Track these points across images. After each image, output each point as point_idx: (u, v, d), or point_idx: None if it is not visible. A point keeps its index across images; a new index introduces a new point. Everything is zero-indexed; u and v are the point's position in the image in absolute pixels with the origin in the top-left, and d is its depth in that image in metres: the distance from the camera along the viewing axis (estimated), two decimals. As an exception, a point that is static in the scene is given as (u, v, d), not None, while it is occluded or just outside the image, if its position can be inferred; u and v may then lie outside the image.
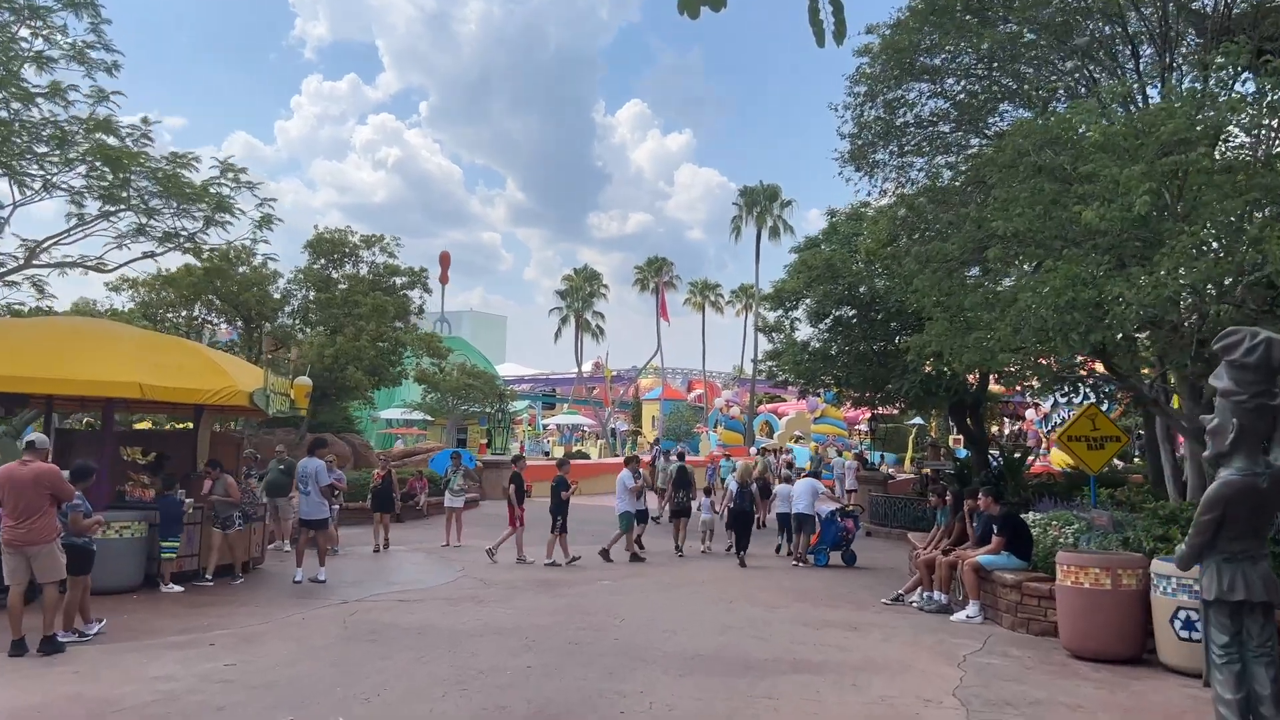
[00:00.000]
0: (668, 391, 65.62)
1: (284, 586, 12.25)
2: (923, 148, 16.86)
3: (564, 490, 15.86)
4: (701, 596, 11.98)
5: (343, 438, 27.57)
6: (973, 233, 10.46)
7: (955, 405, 24.24)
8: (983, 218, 10.33)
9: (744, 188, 58.45)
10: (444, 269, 64.68)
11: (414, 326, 26.68)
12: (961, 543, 11.73)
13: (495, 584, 12.75)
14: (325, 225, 25.54)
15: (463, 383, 46.42)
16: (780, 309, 24.71)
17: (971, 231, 10.45)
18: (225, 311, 23.52)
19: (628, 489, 16.31)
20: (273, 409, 13.08)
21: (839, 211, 25.36)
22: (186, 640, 8.62)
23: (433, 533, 18.70)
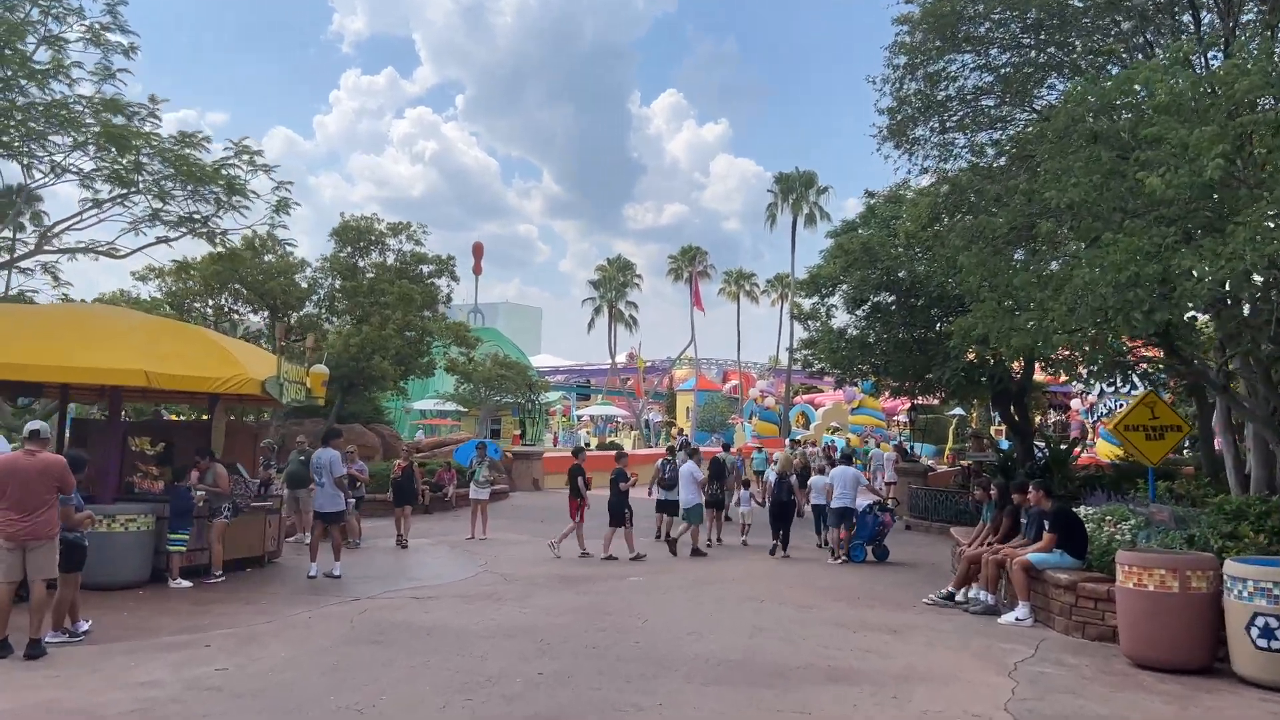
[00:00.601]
0: (702, 382, 64.86)
1: (297, 582, 11.80)
2: (965, 123, 16.05)
3: (623, 482, 15.43)
4: (731, 595, 11.35)
5: (372, 428, 27.24)
6: (1022, 207, 9.68)
7: (999, 395, 23.33)
8: (1033, 190, 9.56)
9: (779, 174, 57.53)
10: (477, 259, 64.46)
11: (442, 316, 26.22)
12: (1009, 539, 10.99)
13: (516, 580, 12.21)
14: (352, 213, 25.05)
15: (495, 373, 46.11)
16: (816, 295, 23.93)
17: (1021, 206, 9.68)
18: (252, 301, 23.20)
19: (696, 480, 15.95)
20: (287, 398, 12.64)
21: (877, 194, 24.49)
22: (183, 641, 8.15)
23: (460, 525, 18.23)
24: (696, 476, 15.98)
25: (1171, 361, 10.57)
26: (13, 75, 12.40)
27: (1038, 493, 10.30)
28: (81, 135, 12.24)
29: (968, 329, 10.67)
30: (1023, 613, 9.81)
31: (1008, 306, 9.65)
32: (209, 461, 11.72)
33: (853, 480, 15.35)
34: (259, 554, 13.01)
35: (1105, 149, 9.18)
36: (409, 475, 16.64)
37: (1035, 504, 10.33)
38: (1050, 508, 10.13)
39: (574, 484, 15.39)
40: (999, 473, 22.84)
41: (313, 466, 12.86)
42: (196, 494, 11.40)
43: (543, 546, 16.20)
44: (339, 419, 25.71)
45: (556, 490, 28.59)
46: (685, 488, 15.93)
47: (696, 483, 15.91)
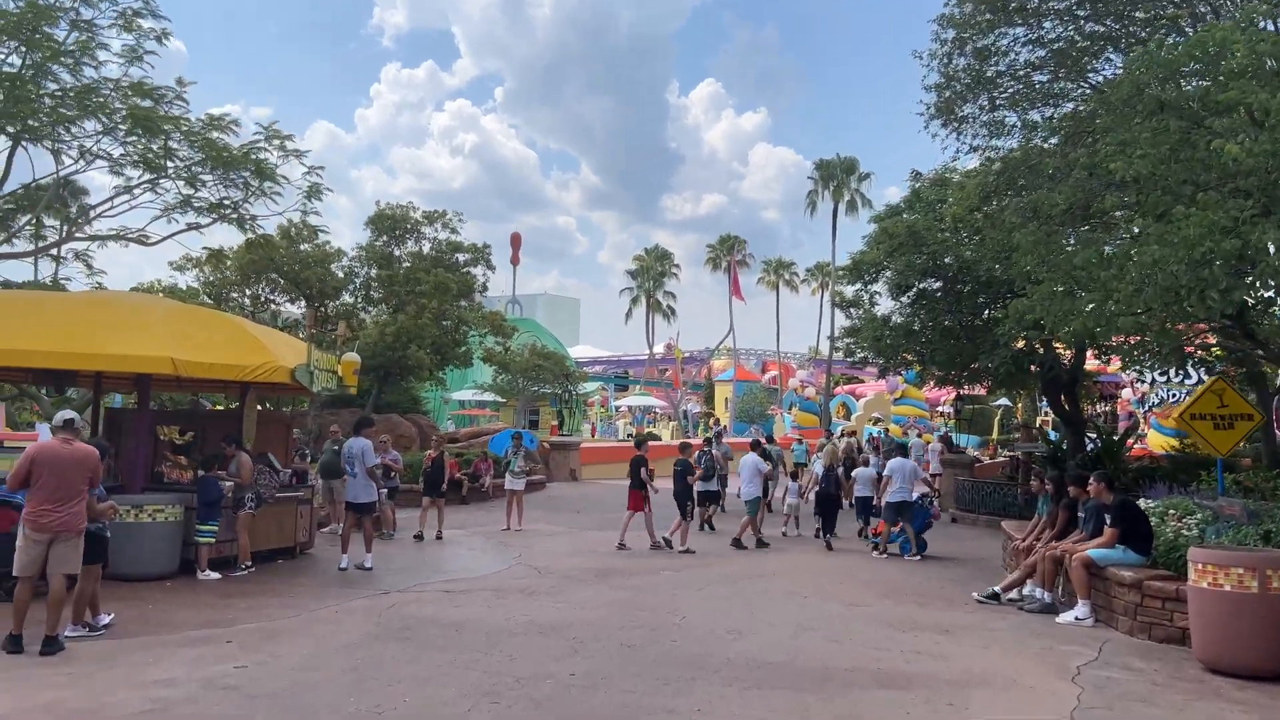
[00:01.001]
0: (740, 373, 64.27)
1: (327, 574, 11.56)
2: (1017, 100, 15.40)
3: (689, 475, 15.22)
4: (773, 590, 10.90)
5: (408, 418, 27.13)
6: (1082, 183, 9.10)
7: (1049, 384, 22.59)
8: (1094, 164, 8.98)
9: (820, 161, 56.46)
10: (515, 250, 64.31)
11: (478, 305, 25.99)
12: (1065, 534, 10.43)
13: (550, 573, 11.86)
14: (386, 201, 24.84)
15: (532, 364, 45.92)
16: (859, 282, 23.31)
17: (1081, 181, 9.09)
18: (288, 290, 23.10)
19: (759, 472, 15.56)
20: (317, 386, 12.38)
21: (922, 176, 23.77)
22: (203, 636, 7.88)
23: (495, 515, 17.93)
24: (760, 469, 15.67)
25: (1245, 345, 9.92)
26: (43, 60, 12.24)
27: (1098, 485, 9.72)
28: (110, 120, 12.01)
29: (1021, 313, 10.11)
30: (1083, 612, 9.26)
31: (1066, 288, 9.07)
32: (235, 450, 11.48)
33: (911, 473, 14.82)
34: (290, 545, 12.79)
35: (1174, 118, 8.59)
36: (439, 466, 16.26)
37: (1095, 497, 9.75)
38: (1112, 501, 9.56)
39: (636, 475, 15.12)
40: (1049, 464, 22.16)
41: (344, 456, 12.61)
42: (225, 485, 11.17)
43: (577, 538, 15.92)
44: (375, 409, 25.59)
45: (593, 481, 28.33)
46: (748, 480, 15.56)
47: (760, 475, 15.55)
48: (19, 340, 10.18)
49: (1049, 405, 24.50)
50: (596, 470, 29.84)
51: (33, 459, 7.36)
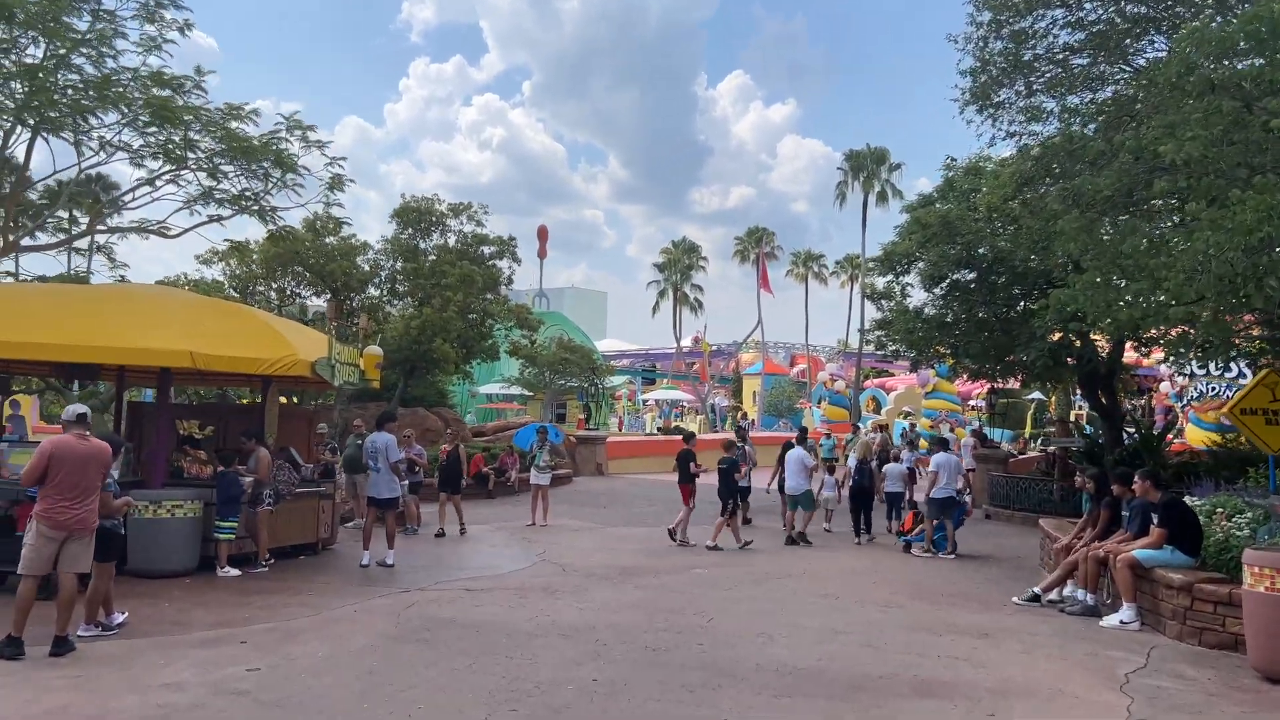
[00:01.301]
0: (769, 366, 63.76)
1: (348, 571, 11.37)
2: (1054, 85, 14.91)
3: (735, 472, 14.95)
4: (804, 591, 10.58)
5: (435, 412, 26.96)
6: (1128, 166, 8.68)
7: (1086, 377, 22.05)
8: (1141, 147, 8.56)
9: (849, 151, 55.77)
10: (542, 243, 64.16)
11: (504, 298, 25.75)
12: (1108, 534, 10.01)
13: (574, 571, 11.61)
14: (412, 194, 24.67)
15: (559, 357, 45.75)
16: (890, 273, 22.83)
17: (1126, 165, 8.68)
18: (314, 283, 23.00)
19: (806, 467, 15.37)
20: (339, 380, 12.19)
21: (956, 165, 23.24)
22: (217, 636, 7.69)
23: (521, 510, 17.70)
24: (807, 463, 15.45)
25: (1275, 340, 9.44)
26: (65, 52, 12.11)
27: (1144, 483, 9.30)
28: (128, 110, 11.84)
29: (1063, 303, 9.69)
30: (1128, 615, 8.87)
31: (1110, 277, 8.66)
32: (254, 445, 11.31)
33: (956, 468, 14.50)
34: (313, 541, 12.64)
35: (1226, 98, 8.15)
36: (454, 461, 15.96)
37: (1141, 495, 9.34)
38: (1159, 499, 9.14)
39: (685, 469, 15.03)
40: (1086, 460, 21.61)
41: (366, 451, 12.41)
42: (245, 480, 11.00)
43: (603, 534, 15.68)
44: (402, 402, 25.46)
45: (620, 476, 28.09)
46: (794, 474, 15.34)
47: (807, 469, 15.37)
48: (33, 333, 10.06)
49: (1086, 399, 23.89)
50: (623, 465, 29.59)
51: (50, 455, 7.18)
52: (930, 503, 14.12)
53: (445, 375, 26.38)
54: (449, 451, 15.97)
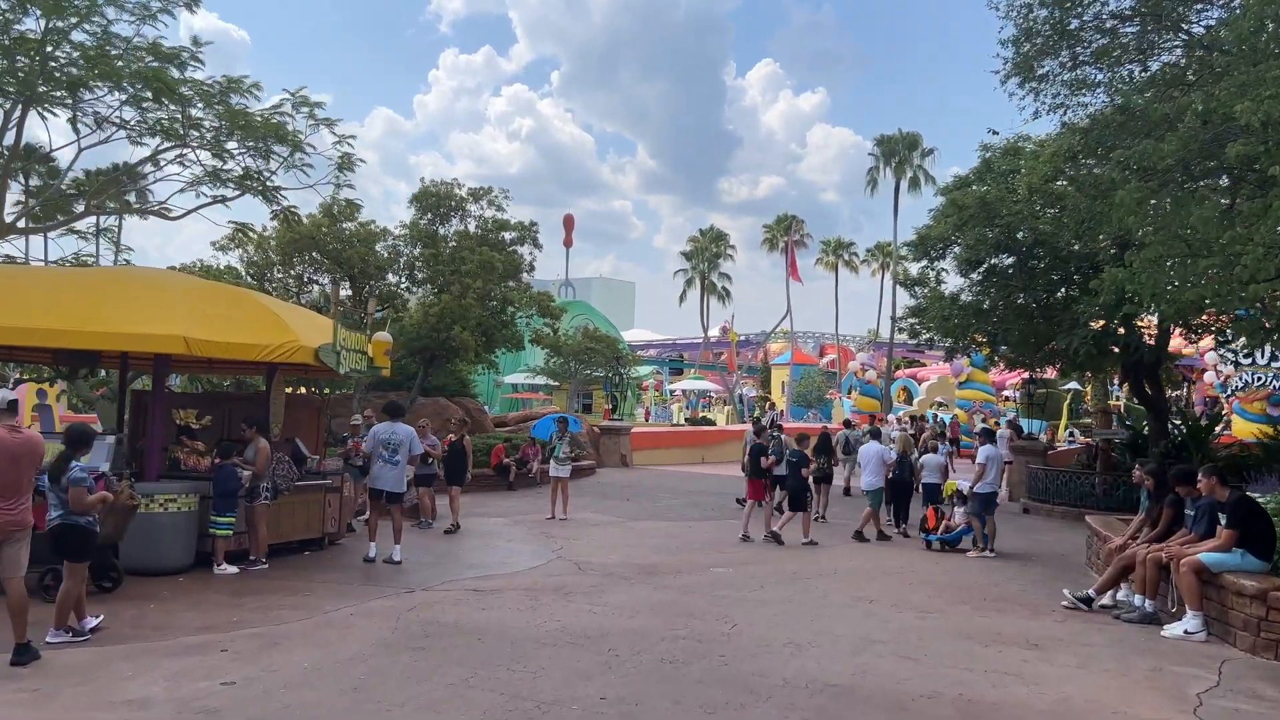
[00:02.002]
0: (798, 356, 62.84)
1: (352, 568, 10.80)
2: (1102, 55, 14.01)
3: (804, 466, 14.55)
4: (835, 593, 9.87)
5: (457, 402, 26.47)
6: (1195, 131, 7.86)
7: (1130, 366, 21.11)
8: (1210, 110, 7.74)
9: (880, 136, 54.49)
10: (568, 232, 63.77)
11: (526, 285, 25.09)
12: (1169, 535, 9.22)
13: (591, 569, 10.97)
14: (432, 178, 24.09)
15: (584, 346, 45.18)
16: (925, 258, 21.95)
17: (1194, 130, 7.86)
18: (331, 269, 22.47)
19: (885, 463, 14.83)
20: (344, 367, 11.61)
21: (993, 145, 22.29)
22: (199, 643, 7.11)
23: (542, 503, 17.06)
24: (886, 459, 14.88)
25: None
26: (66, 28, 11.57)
27: (1210, 480, 8.49)
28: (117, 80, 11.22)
29: (1119, 282, 8.87)
30: (1194, 625, 8.09)
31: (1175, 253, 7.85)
32: (254, 434, 10.74)
33: (999, 461, 13.84)
34: (318, 536, 12.09)
35: (1308, 53, 7.32)
36: (456, 452, 15.13)
37: (1208, 493, 8.53)
38: (1227, 498, 8.34)
39: (755, 463, 14.52)
40: (1129, 452, 20.68)
41: (376, 441, 11.77)
42: (243, 474, 10.45)
43: (625, 529, 15.07)
44: (423, 392, 24.96)
45: (645, 467, 27.44)
46: (871, 470, 14.81)
47: (885, 464, 14.82)
48: (24, 317, 9.54)
49: (1131, 389, 22.88)
50: (648, 456, 28.95)
51: None
52: (975, 498, 13.35)
53: (466, 364, 25.83)
54: (451, 442, 15.19)
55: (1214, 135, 7.84)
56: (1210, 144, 7.97)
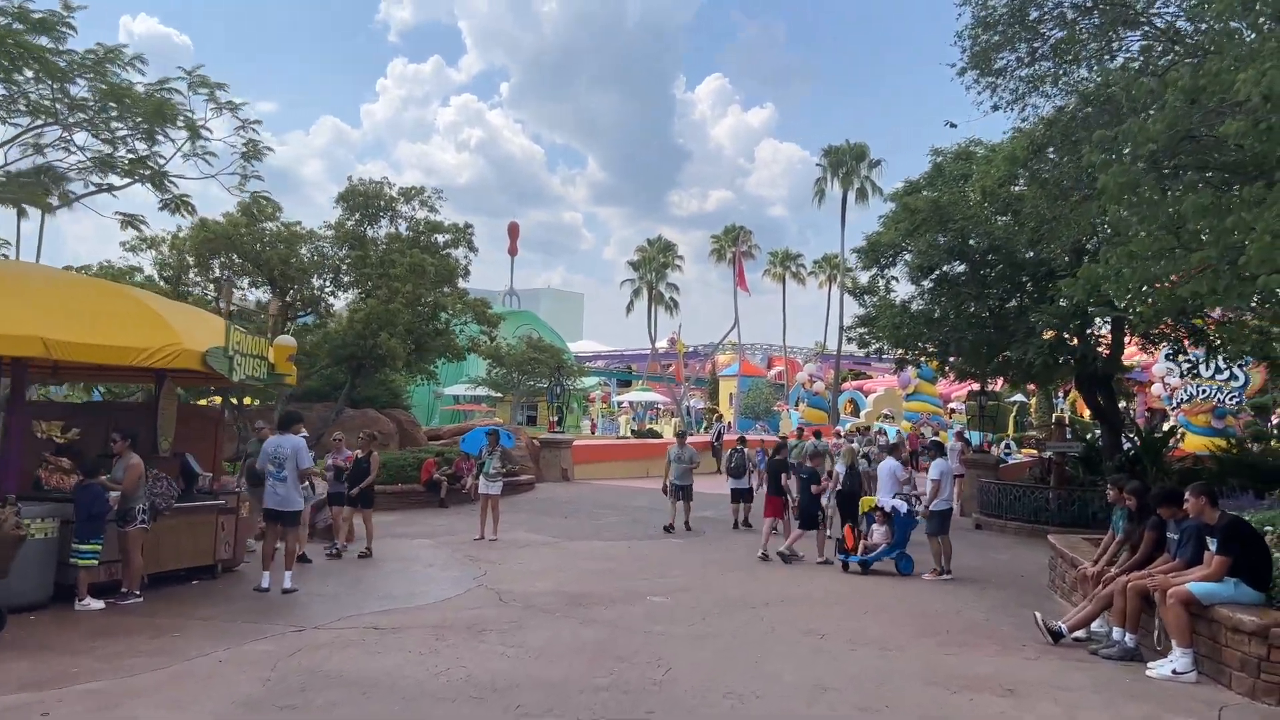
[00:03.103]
0: (746, 368, 62.17)
1: (242, 600, 9.54)
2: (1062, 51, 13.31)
3: (815, 483, 13.79)
4: (783, 625, 8.85)
5: (387, 413, 25.13)
6: (1182, 110, 7.02)
7: (1083, 377, 20.54)
8: (1199, 86, 6.91)
9: (828, 147, 54.24)
10: (512, 240, 62.46)
11: (462, 291, 23.82)
12: (1149, 560, 8.34)
13: (513, 600, 9.83)
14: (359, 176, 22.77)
15: (528, 356, 43.93)
16: (874, 266, 21.21)
17: (1180, 108, 7.02)
18: (250, 272, 21.05)
19: (898, 480, 13.82)
20: (239, 374, 10.36)
21: (944, 151, 21.66)
22: (15, 705, 5.84)
23: (474, 522, 15.74)
24: (899, 476, 13.86)
25: None
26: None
27: (1198, 499, 7.64)
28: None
29: (1094, 280, 8.01)
30: (1183, 664, 7.20)
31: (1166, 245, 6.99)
32: (124, 446, 9.43)
33: (952, 475, 13.13)
34: (209, 563, 10.79)
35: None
36: (361, 468, 13.39)
37: (1195, 515, 7.67)
38: (1218, 520, 7.48)
39: (775, 480, 14.37)
40: (1083, 465, 20.08)
41: (266, 456, 10.50)
42: (112, 494, 9.15)
43: (559, 550, 13.97)
44: (351, 403, 23.59)
45: (587, 482, 26.32)
46: (886, 488, 13.80)
47: (898, 482, 13.82)
48: None
49: (1085, 401, 22.34)
50: (591, 470, 27.83)
51: None
52: (931, 516, 12.49)
53: (396, 373, 24.48)
54: (355, 459, 13.50)
55: (1203, 115, 7.02)
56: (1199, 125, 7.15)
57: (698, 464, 17.31)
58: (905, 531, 12.47)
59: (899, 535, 12.41)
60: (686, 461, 16.89)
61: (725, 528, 17.27)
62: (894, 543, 12.36)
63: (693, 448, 17.61)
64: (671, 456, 17.00)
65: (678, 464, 16.79)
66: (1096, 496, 17.60)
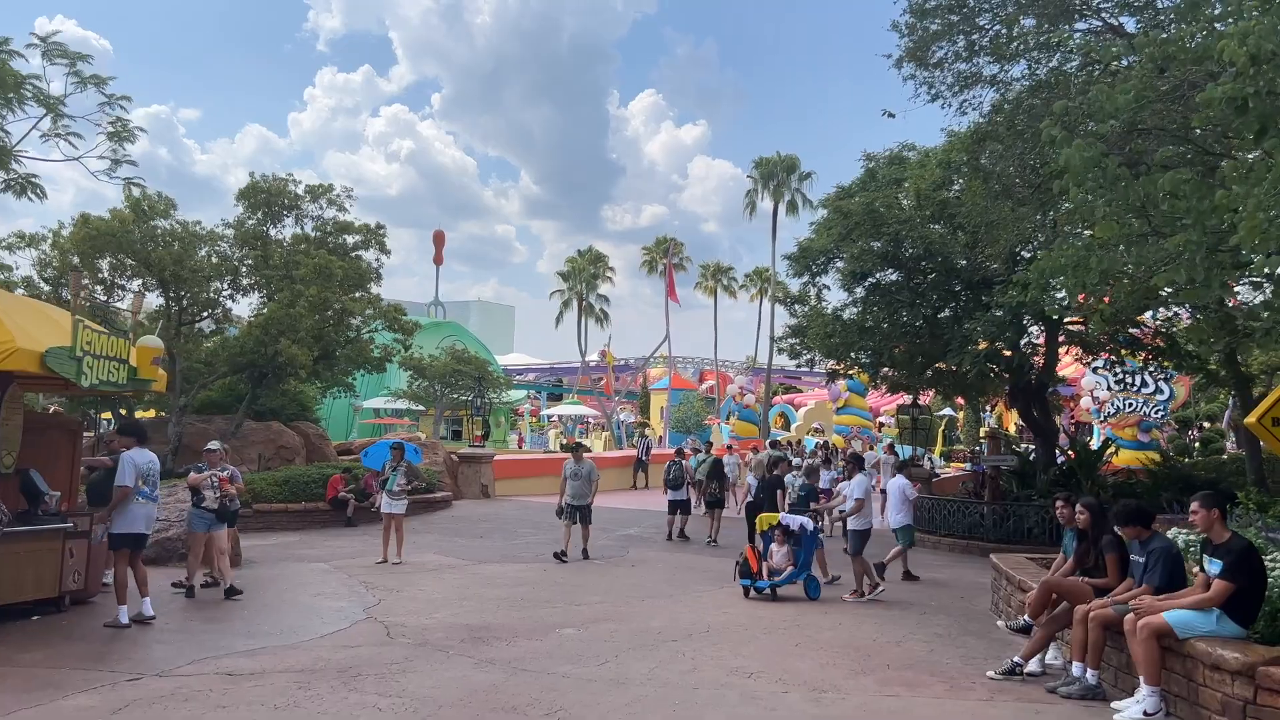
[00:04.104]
0: (677, 381, 61.41)
1: (86, 639, 8.21)
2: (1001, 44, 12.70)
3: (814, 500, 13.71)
4: (706, 664, 7.83)
5: (294, 426, 23.56)
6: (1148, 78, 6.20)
7: (1017, 389, 20.06)
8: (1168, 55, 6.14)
9: (759, 159, 53.66)
10: (438, 249, 60.86)
11: (375, 297, 22.43)
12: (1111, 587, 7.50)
13: (403, 635, 8.65)
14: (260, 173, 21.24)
15: (451, 368, 42.51)
16: (806, 273, 20.48)
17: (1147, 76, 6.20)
18: (140, 273, 19.45)
19: (908, 499, 13.25)
20: (89, 379, 9.05)
21: (876, 156, 21.09)
22: None
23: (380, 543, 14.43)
24: (909, 494, 13.27)
25: None
26: None
27: (1209, 512, 6.45)
28: None
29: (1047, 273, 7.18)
30: (1152, 703, 6.35)
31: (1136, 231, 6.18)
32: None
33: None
34: (52, 595, 9.38)
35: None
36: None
37: (1203, 528, 6.55)
38: (1227, 541, 6.47)
39: (771, 499, 13.74)
40: (1017, 479, 19.55)
41: (137, 473, 9.13)
42: (-79, 517, 7.77)
43: (467, 574, 12.82)
44: (255, 415, 22.05)
45: (508, 499, 25.09)
46: (895, 507, 13.16)
47: (909, 501, 13.25)
48: None
49: (1019, 413, 21.91)
50: (513, 486, 26.57)
51: None
52: (852, 536, 11.66)
53: (304, 384, 22.97)
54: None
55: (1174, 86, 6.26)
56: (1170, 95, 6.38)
57: (597, 480, 15.25)
58: (812, 551, 11.55)
59: (805, 556, 11.45)
60: (584, 478, 14.95)
61: (650, 545, 16.30)
62: (800, 565, 11.41)
63: (592, 462, 15.61)
64: (567, 472, 15.06)
65: (574, 480, 14.88)
66: (1032, 511, 17.04)
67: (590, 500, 14.97)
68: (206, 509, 10.68)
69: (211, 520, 10.68)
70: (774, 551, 11.58)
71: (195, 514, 10.71)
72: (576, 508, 14.76)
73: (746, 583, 11.35)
